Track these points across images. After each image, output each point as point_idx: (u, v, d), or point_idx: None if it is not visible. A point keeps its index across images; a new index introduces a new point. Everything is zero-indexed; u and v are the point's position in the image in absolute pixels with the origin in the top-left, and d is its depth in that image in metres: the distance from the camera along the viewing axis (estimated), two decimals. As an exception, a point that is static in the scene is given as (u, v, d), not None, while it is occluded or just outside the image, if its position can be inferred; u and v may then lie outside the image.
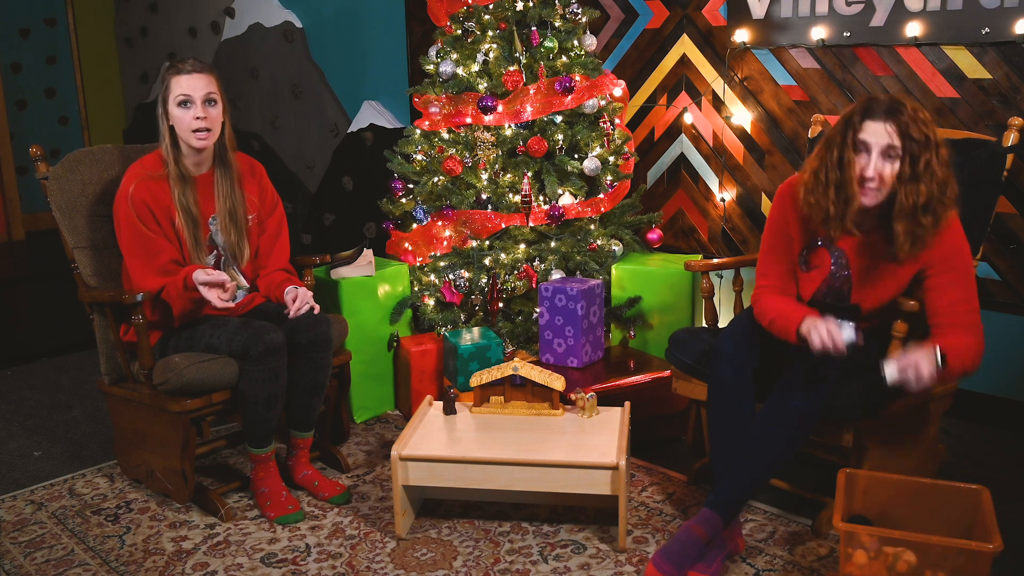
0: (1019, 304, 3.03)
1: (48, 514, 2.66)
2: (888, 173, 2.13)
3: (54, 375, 3.89)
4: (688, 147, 3.77)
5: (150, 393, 2.57)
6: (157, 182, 2.56)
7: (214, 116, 2.57)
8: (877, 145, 2.12)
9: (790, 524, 2.48)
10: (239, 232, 2.68)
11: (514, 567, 2.31)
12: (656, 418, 2.99)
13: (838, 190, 2.19)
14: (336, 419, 3.03)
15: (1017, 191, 2.97)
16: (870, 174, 2.13)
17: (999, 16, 2.88)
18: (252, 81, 5.52)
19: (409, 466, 2.40)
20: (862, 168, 2.15)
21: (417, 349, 3.21)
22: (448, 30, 3.44)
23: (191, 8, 5.86)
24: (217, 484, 2.80)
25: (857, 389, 2.25)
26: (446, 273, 3.37)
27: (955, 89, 3.04)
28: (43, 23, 6.67)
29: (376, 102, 4.83)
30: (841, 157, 2.18)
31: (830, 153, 2.20)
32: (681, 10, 3.67)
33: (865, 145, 2.14)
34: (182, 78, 2.54)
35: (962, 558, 1.90)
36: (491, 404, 2.66)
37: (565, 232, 3.36)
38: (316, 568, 2.33)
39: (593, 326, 3.12)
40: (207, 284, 2.43)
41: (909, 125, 2.10)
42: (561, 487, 2.35)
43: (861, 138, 2.14)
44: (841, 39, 3.23)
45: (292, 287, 2.66)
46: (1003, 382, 3.09)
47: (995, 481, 2.35)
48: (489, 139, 3.35)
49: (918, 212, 2.12)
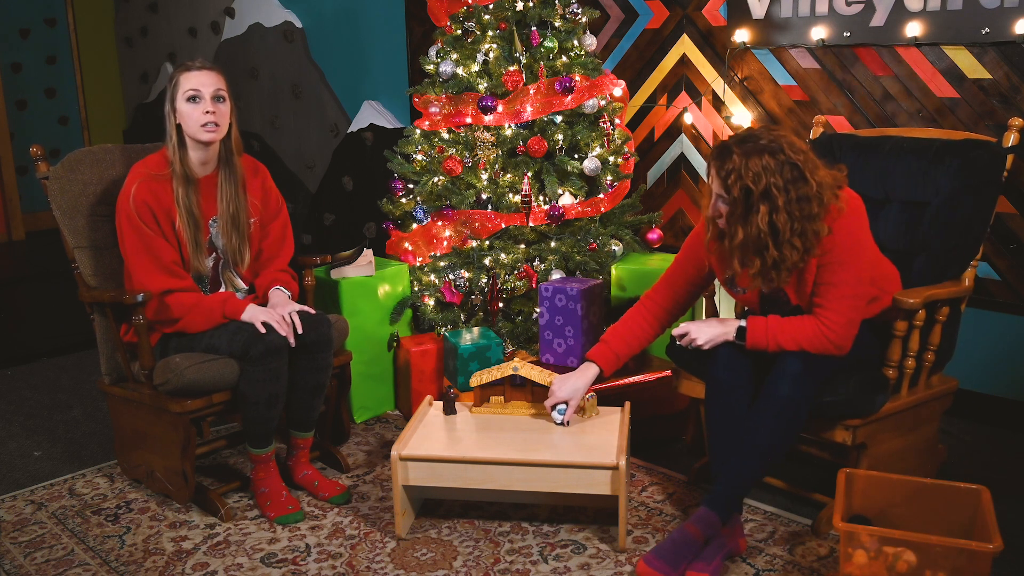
0: (1019, 304, 3.03)
1: (48, 514, 2.66)
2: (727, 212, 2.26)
3: (54, 375, 3.89)
4: (688, 147, 3.77)
5: (150, 393, 2.57)
6: (160, 183, 2.56)
7: (223, 112, 2.58)
8: (713, 191, 2.26)
9: (790, 524, 2.48)
10: (240, 236, 2.68)
11: (514, 567, 2.31)
12: (656, 418, 2.99)
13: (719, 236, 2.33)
14: (336, 419, 3.03)
15: (1017, 191, 2.97)
16: (709, 214, 2.29)
17: (999, 16, 2.88)
18: (252, 81, 5.52)
19: (409, 466, 2.40)
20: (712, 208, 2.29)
21: (417, 349, 3.21)
22: (448, 30, 3.44)
23: (191, 8, 5.86)
24: (217, 484, 2.80)
25: (851, 385, 2.26)
26: (446, 273, 3.37)
27: (955, 89, 3.04)
28: (43, 23, 6.67)
29: (376, 102, 4.83)
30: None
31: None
32: (681, 10, 3.67)
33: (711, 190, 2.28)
34: (191, 74, 2.55)
35: (962, 558, 1.90)
36: (491, 404, 2.66)
37: (565, 232, 3.36)
38: (316, 568, 2.33)
39: (593, 326, 3.12)
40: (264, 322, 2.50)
41: (730, 175, 2.18)
42: (561, 487, 2.35)
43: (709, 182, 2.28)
44: (841, 39, 3.23)
45: (274, 289, 2.68)
46: (1003, 382, 3.09)
47: (995, 481, 2.35)
48: (489, 139, 3.35)
49: (749, 248, 2.22)
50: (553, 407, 2.54)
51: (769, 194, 2.15)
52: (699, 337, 2.36)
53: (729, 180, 2.18)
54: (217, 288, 2.71)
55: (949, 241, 2.49)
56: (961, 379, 2.64)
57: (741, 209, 2.19)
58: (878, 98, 3.21)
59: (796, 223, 2.17)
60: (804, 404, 2.23)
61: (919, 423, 2.49)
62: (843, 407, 2.27)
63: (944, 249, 2.49)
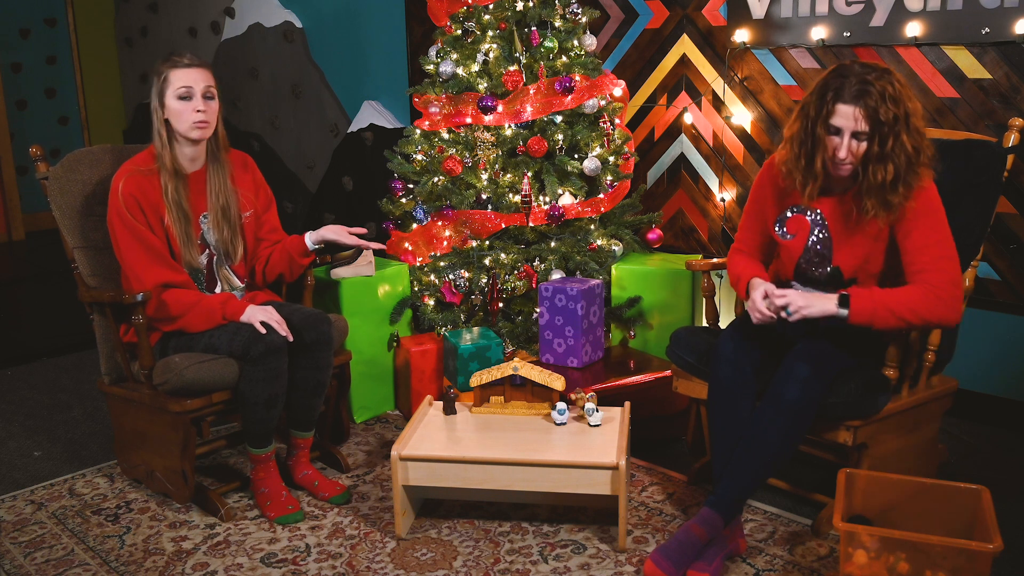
0: (1019, 304, 3.03)
1: (48, 514, 2.66)
2: (860, 151, 2.21)
3: (54, 375, 3.89)
4: (688, 147, 3.77)
5: (150, 393, 2.57)
6: (147, 178, 2.55)
7: (213, 109, 2.58)
8: (848, 129, 2.19)
9: (790, 524, 2.48)
10: (232, 229, 2.68)
11: (514, 567, 2.31)
12: (656, 418, 2.99)
13: (811, 163, 2.28)
14: (336, 419, 3.03)
15: (1017, 191, 2.97)
16: (842, 155, 2.21)
17: (999, 16, 2.88)
18: (252, 81, 5.52)
19: (409, 466, 2.40)
20: (835, 148, 2.22)
21: (417, 349, 3.21)
22: (448, 30, 3.44)
23: (191, 8, 5.86)
24: (217, 484, 2.80)
25: (853, 386, 2.26)
26: (446, 273, 3.37)
27: (955, 89, 3.04)
28: (43, 23, 6.67)
29: (376, 102, 4.83)
30: (814, 133, 2.25)
31: (804, 127, 2.28)
32: (681, 10, 3.67)
33: (836, 129, 2.21)
34: (181, 71, 2.54)
35: (962, 558, 1.90)
36: (491, 404, 2.66)
37: (565, 232, 3.36)
38: (316, 568, 2.33)
39: (593, 326, 3.12)
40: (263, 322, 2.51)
41: (878, 108, 2.15)
42: (561, 487, 2.35)
43: (832, 122, 2.20)
44: (841, 39, 3.23)
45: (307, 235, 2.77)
46: (1003, 382, 3.09)
47: (995, 481, 2.35)
48: (489, 139, 3.35)
49: (886, 189, 2.20)
50: (553, 407, 2.55)
51: (908, 120, 2.17)
52: (802, 309, 2.22)
53: (879, 112, 2.14)
54: (213, 285, 2.71)
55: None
56: (961, 379, 2.64)
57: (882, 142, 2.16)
58: (878, 98, 3.20)
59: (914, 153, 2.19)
60: (811, 408, 2.22)
61: (919, 423, 2.49)
62: (845, 408, 2.26)
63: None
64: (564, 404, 2.54)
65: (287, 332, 2.51)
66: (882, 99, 2.15)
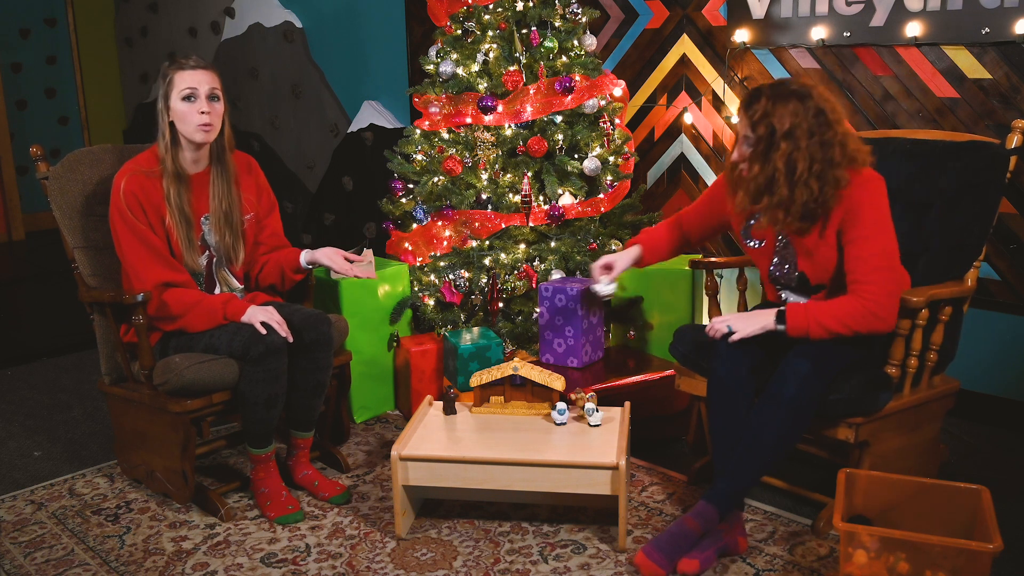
0: (1019, 304, 3.03)
1: (48, 514, 2.66)
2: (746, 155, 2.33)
3: (54, 375, 3.89)
4: (688, 147, 3.77)
5: (150, 393, 2.57)
6: (150, 179, 2.55)
7: (218, 111, 2.57)
8: (739, 134, 2.34)
9: (790, 524, 2.48)
10: (233, 233, 2.68)
11: (514, 567, 2.31)
12: (656, 418, 2.99)
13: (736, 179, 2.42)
14: (336, 419, 3.03)
15: (1017, 191, 2.97)
16: (734, 158, 2.37)
17: (999, 16, 2.88)
18: (252, 81, 5.52)
19: (409, 466, 2.40)
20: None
21: (417, 349, 3.21)
22: (448, 30, 3.44)
23: (191, 8, 5.86)
24: (217, 484, 2.80)
25: (855, 384, 2.26)
26: (446, 273, 3.37)
27: (955, 89, 3.04)
28: (43, 23, 6.67)
29: (376, 102, 4.83)
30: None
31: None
32: (681, 10, 3.67)
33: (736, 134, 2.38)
34: (186, 73, 2.54)
35: (962, 558, 1.90)
36: (491, 404, 2.66)
37: (565, 232, 3.36)
38: (316, 568, 2.33)
39: (593, 326, 3.12)
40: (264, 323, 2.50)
41: (756, 114, 2.26)
42: (561, 487, 2.35)
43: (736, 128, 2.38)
44: (841, 39, 3.23)
45: (304, 252, 2.76)
46: (1003, 382, 3.09)
47: (995, 481, 2.35)
48: (489, 139, 3.35)
49: (760, 185, 2.28)
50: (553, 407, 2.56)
51: (792, 135, 2.22)
52: (742, 330, 2.32)
53: (755, 118, 2.25)
54: (212, 287, 2.70)
55: (952, 242, 2.49)
56: (962, 379, 2.64)
57: (763, 147, 2.25)
58: (878, 98, 3.21)
59: (816, 165, 2.22)
60: (810, 405, 2.23)
61: (921, 422, 2.49)
62: (847, 405, 2.27)
63: (947, 249, 2.50)
64: (564, 404, 2.54)
65: (287, 333, 2.51)
66: (764, 111, 2.25)
